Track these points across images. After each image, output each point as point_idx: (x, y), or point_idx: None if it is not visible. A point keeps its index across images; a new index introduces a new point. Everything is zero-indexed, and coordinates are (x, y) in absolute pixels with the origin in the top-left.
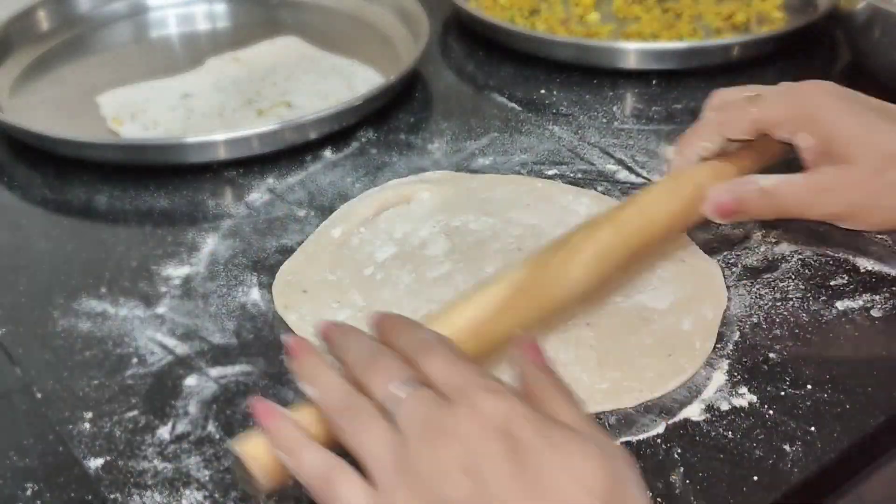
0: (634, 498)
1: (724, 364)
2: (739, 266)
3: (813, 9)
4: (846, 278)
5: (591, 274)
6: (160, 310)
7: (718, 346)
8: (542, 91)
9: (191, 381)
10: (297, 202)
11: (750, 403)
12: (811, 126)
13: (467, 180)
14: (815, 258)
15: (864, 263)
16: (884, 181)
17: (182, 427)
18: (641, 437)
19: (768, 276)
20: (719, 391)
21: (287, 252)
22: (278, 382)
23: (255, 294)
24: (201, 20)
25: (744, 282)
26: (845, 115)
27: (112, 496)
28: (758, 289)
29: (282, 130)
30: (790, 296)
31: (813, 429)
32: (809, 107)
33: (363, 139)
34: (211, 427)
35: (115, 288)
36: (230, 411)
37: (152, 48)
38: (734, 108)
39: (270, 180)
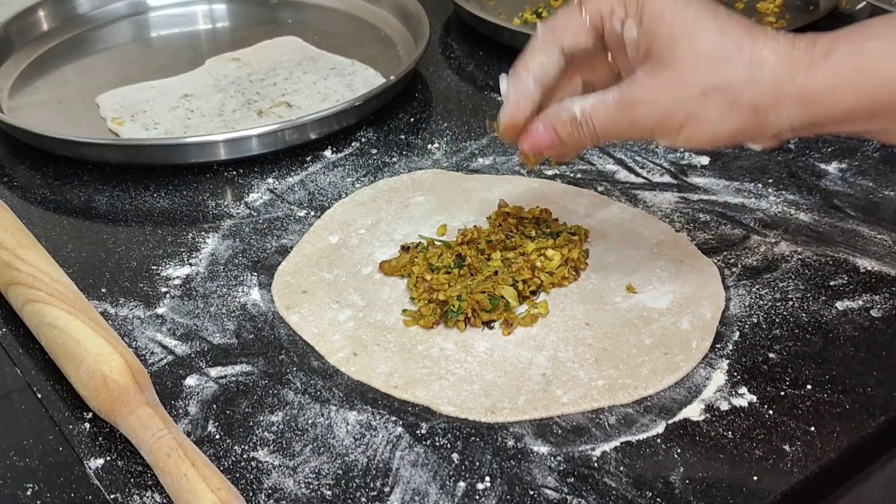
0: None
1: (724, 364)
2: (739, 266)
3: (814, 8)
4: (846, 278)
5: None
6: (160, 310)
7: (718, 345)
8: None
9: (191, 381)
10: (297, 202)
11: (750, 403)
12: (639, 13)
13: (461, 180)
14: (815, 258)
15: (864, 263)
16: (700, 87)
17: (182, 427)
18: (641, 437)
19: (768, 276)
20: (719, 391)
21: (287, 252)
22: (278, 382)
23: (255, 294)
24: (201, 20)
25: (744, 282)
26: (673, 4)
27: (112, 496)
28: (758, 289)
29: (282, 130)
30: (790, 296)
31: (813, 429)
32: None
33: (363, 139)
34: (211, 427)
35: (116, 288)
36: (230, 411)
37: (152, 48)
38: (564, 13)
39: (270, 180)
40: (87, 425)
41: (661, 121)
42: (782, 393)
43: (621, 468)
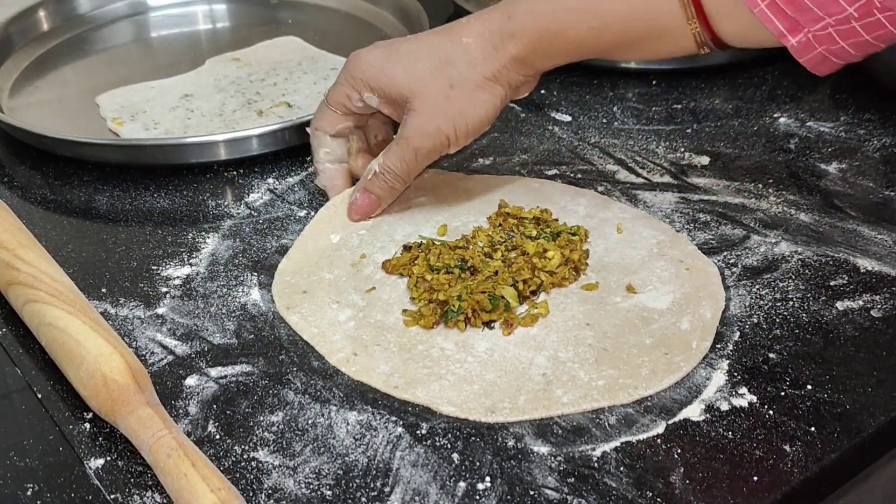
0: None
1: (724, 364)
2: (739, 266)
3: None
4: (846, 278)
5: None
6: (160, 310)
7: (718, 346)
8: (542, 91)
9: (191, 381)
10: (298, 202)
11: (750, 403)
12: (367, 84)
13: (461, 180)
14: (815, 258)
15: (864, 263)
16: (443, 94)
17: (182, 427)
18: (641, 437)
19: (768, 276)
20: (719, 391)
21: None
22: (278, 382)
23: (255, 294)
24: (201, 20)
25: (744, 282)
26: (380, 59)
27: (112, 496)
28: (758, 289)
29: (282, 130)
30: (790, 296)
31: (813, 429)
32: (355, 66)
33: None
34: (211, 427)
35: (116, 288)
36: (230, 411)
37: (152, 48)
38: (320, 110)
39: (270, 180)
40: (87, 425)
41: (436, 137)
42: (782, 393)
43: (621, 468)
